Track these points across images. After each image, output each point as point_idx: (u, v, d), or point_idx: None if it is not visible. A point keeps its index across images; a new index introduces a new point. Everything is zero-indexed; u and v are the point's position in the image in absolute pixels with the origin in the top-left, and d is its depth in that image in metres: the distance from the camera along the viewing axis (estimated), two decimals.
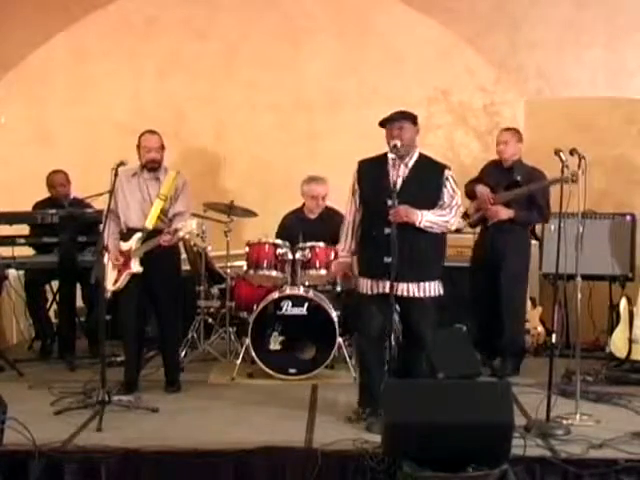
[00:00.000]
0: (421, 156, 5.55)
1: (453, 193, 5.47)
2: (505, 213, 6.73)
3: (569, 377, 6.16)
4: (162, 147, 6.27)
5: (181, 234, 5.97)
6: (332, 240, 6.37)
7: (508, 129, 7.07)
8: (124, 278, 6.08)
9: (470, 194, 6.94)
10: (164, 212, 6.15)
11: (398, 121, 5.48)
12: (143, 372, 6.49)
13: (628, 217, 7.58)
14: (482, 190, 6.83)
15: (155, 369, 6.60)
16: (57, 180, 7.49)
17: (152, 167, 6.21)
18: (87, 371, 6.60)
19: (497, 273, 6.80)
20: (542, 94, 8.42)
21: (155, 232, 6.05)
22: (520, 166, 6.88)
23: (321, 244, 6.81)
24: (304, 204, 7.40)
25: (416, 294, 5.41)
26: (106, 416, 5.36)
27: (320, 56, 8.51)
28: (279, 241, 6.93)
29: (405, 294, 5.38)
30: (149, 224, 6.07)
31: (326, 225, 6.97)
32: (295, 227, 7.24)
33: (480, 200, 6.83)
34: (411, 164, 5.48)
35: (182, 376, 6.47)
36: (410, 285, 5.38)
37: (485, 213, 6.83)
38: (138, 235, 6.07)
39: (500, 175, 6.90)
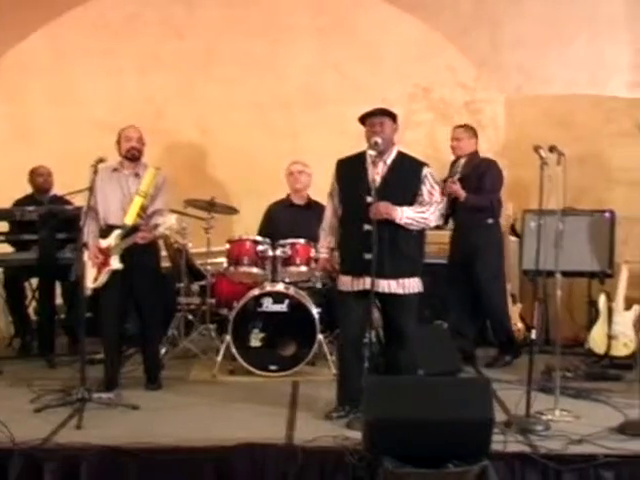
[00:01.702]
0: (400, 154, 5.56)
1: (432, 190, 5.48)
2: (460, 192, 6.87)
3: (549, 373, 6.18)
4: (142, 140, 6.27)
5: (161, 230, 5.96)
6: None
7: (461, 126, 7.22)
8: (104, 275, 6.05)
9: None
10: (143, 209, 6.13)
11: (378, 116, 5.50)
12: (123, 369, 6.48)
13: (607, 214, 7.60)
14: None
15: (135, 366, 6.59)
16: (40, 170, 7.49)
17: (132, 156, 6.19)
18: (67, 369, 6.59)
19: (472, 269, 6.89)
20: (522, 91, 8.44)
21: (134, 229, 6.03)
22: (470, 160, 7.04)
23: (301, 241, 6.81)
24: (289, 195, 7.44)
25: (396, 291, 5.42)
26: (86, 414, 5.34)
27: (300, 53, 8.49)
28: (259, 238, 6.93)
29: (385, 290, 5.39)
30: (128, 221, 6.05)
31: (314, 212, 6.97)
32: (282, 215, 7.30)
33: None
34: (390, 162, 5.49)
35: (162, 373, 6.45)
36: (390, 282, 5.39)
37: (447, 190, 6.92)
38: (117, 232, 6.04)
39: (452, 169, 7.16)
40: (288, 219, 7.24)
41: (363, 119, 5.55)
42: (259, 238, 6.92)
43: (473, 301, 7.05)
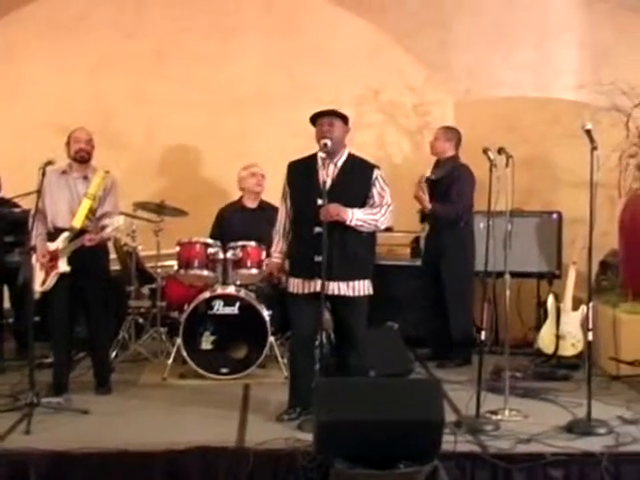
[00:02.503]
0: (350, 156, 5.57)
1: (382, 192, 5.50)
2: (425, 203, 6.98)
3: (498, 373, 6.23)
4: (92, 142, 6.22)
5: (108, 231, 5.91)
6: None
7: (443, 127, 7.32)
8: (52, 278, 5.98)
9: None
10: (92, 212, 6.07)
11: (328, 117, 5.50)
12: (73, 373, 6.42)
13: (554, 215, 7.70)
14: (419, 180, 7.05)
15: (85, 370, 6.52)
16: None
17: (81, 158, 6.14)
18: (15, 373, 6.49)
19: (439, 268, 6.95)
20: (471, 94, 8.50)
21: (83, 232, 5.97)
22: (445, 163, 7.08)
23: (252, 243, 6.80)
24: (241, 197, 7.42)
25: (347, 293, 5.43)
26: (35, 419, 5.27)
27: (250, 54, 8.46)
28: (210, 240, 6.92)
29: (335, 293, 5.41)
30: (76, 223, 5.99)
31: (265, 214, 6.97)
32: (234, 218, 7.29)
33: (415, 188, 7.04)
34: (340, 164, 5.50)
35: (113, 377, 6.40)
36: (340, 284, 5.40)
37: (416, 197, 7.05)
38: (65, 234, 5.98)
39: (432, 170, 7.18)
40: (240, 222, 7.23)
41: (314, 120, 5.55)
42: (209, 241, 6.91)
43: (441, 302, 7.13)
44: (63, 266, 5.96)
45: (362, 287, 5.49)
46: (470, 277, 7.08)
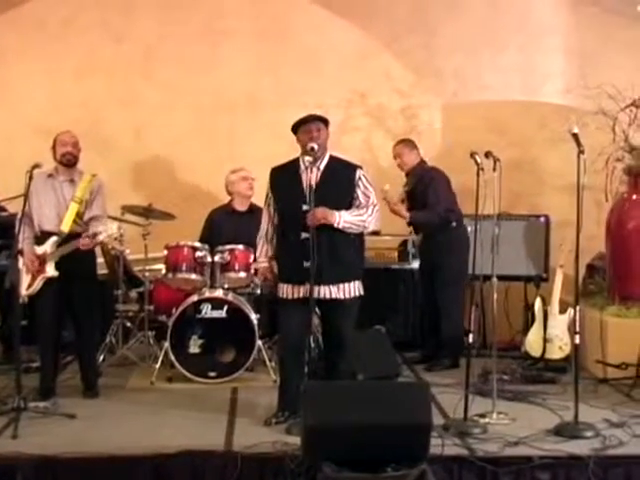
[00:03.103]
0: (332, 158, 5.56)
1: (367, 192, 5.49)
2: (403, 215, 7.02)
3: (486, 376, 6.23)
4: (78, 146, 6.19)
5: (101, 238, 5.87)
6: None
7: (399, 142, 7.30)
8: (38, 282, 5.95)
9: None
10: (80, 215, 6.05)
11: (315, 122, 5.49)
12: (60, 378, 6.39)
13: (542, 218, 7.72)
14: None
15: (72, 374, 6.51)
16: None
17: (68, 161, 6.11)
18: (2, 377, 6.44)
19: (433, 272, 6.96)
20: (458, 97, 8.51)
21: (70, 236, 5.95)
22: (414, 172, 7.14)
23: (240, 247, 6.80)
24: (231, 200, 7.41)
25: (337, 295, 5.42)
26: (22, 423, 5.25)
27: (238, 57, 8.45)
28: (198, 244, 6.90)
29: (327, 297, 5.40)
30: (65, 228, 5.97)
31: (256, 218, 6.95)
32: (224, 221, 7.27)
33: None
34: (323, 167, 5.48)
35: (100, 381, 6.38)
36: (330, 287, 5.40)
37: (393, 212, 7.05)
38: (54, 239, 5.96)
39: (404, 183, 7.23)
40: (230, 225, 7.21)
41: (296, 127, 5.54)
42: (197, 244, 6.89)
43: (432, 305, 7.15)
44: (51, 270, 5.93)
45: (353, 289, 5.48)
46: (464, 279, 7.08)
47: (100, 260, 6.90)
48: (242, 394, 6.28)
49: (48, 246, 5.96)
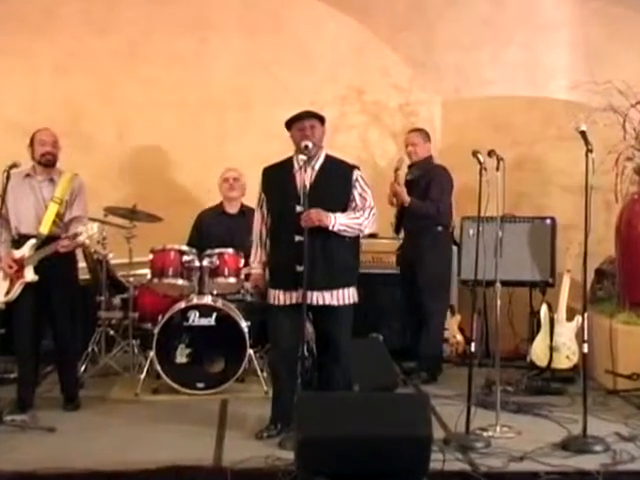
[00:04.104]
0: (328, 157, 5.55)
1: (364, 193, 5.48)
2: (404, 196, 6.93)
3: (489, 387, 6.23)
4: (58, 144, 6.17)
5: (81, 239, 5.85)
6: None
7: (415, 130, 7.30)
8: (17, 288, 5.92)
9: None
10: (60, 216, 6.03)
11: (309, 119, 5.48)
12: (39, 389, 6.35)
13: (548, 220, 7.68)
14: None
15: (52, 385, 6.46)
16: None
17: (47, 161, 6.09)
18: None
19: (414, 276, 6.93)
20: (459, 93, 8.50)
21: (50, 238, 5.91)
22: (421, 165, 7.10)
23: (230, 250, 6.78)
24: (222, 202, 7.42)
25: (330, 302, 5.40)
26: None
27: (228, 52, 8.43)
28: (185, 247, 6.88)
29: (319, 303, 5.38)
30: (44, 229, 5.94)
31: (248, 220, 6.94)
32: (214, 224, 7.28)
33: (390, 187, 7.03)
34: (318, 167, 5.46)
35: (81, 392, 6.37)
36: (324, 293, 5.37)
37: (392, 190, 7.03)
38: (32, 242, 5.92)
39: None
40: (220, 228, 7.22)
41: (290, 123, 5.52)
42: (185, 248, 6.88)
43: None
44: (30, 275, 5.89)
45: (347, 295, 5.46)
46: (447, 287, 7.08)
47: (82, 264, 6.88)
48: (232, 406, 6.26)
49: (26, 249, 5.92)
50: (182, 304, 6.67)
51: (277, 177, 5.57)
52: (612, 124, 7.19)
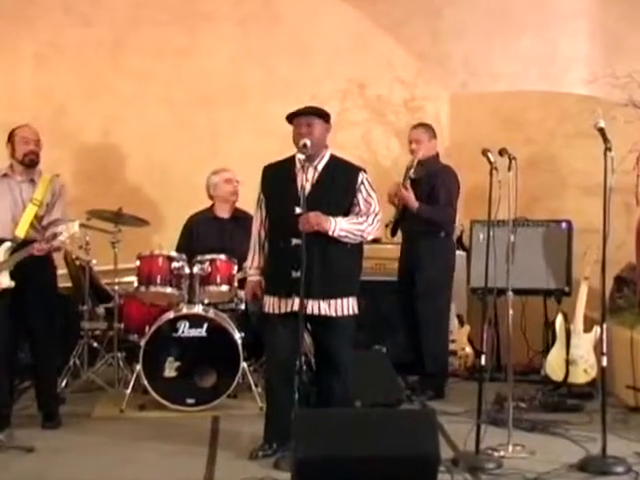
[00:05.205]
0: (332, 157, 5.54)
1: (369, 198, 5.46)
2: (412, 202, 6.88)
3: (500, 403, 6.22)
4: (40, 143, 6.17)
5: (62, 239, 5.84)
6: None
7: (420, 125, 7.25)
8: None
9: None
10: (38, 219, 6.02)
11: (306, 116, 5.47)
12: (16, 406, 6.35)
13: (564, 224, 7.68)
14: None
15: (31, 402, 6.43)
16: None
17: (31, 161, 6.09)
18: None
19: (412, 283, 6.92)
20: (468, 88, 8.52)
21: (27, 242, 5.90)
22: (427, 164, 7.05)
23: (222, 256, 6.78)
24: (213, 205, 7.40)
25: (327, 313, 5.38)
26: None
27: (221, 44, 8.48)
28: (174, 254, 6.88)
29: (316, 313, 5.36)
30: (20, 233, 5.93)
31: (241, 224, 6.96)
32: (205, 229, 7.30)
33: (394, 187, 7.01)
34: (321, 167, 5.46)
35: (62, 409, 6.35)
36: (320, 302, 5.36)
37: (398, 195, 6.98)
38: (7, 245, 5.90)
39: (407, 173, 7.12)
40: (211, 234, 7.23)
41: (291, 119, 5.51)
42: (174, 254, 6.88)
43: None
44: (5, 281, 5.87)
45: (346, 306, 5.44)
46: (446, 292, 7.06)
47: (63, 271, 6.87)
48: (224, 423, 6.26)
49: (1, 254, 5.90)
50: (171, 314, 6.67)
51: (277, 176, 5.57)
52: (633, 120, 7.19)
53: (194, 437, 5.90)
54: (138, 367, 6.54)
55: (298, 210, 5.27)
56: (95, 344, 7.35)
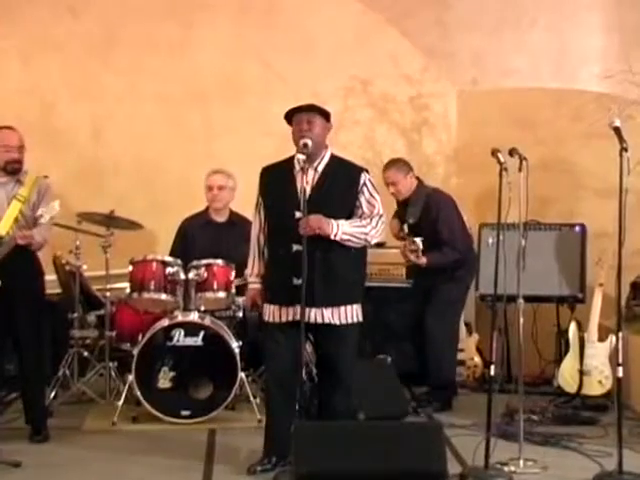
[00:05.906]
0: (333, 158, 5.54)
1: (372, 200, 5.46)
2: (420, 261, 6.89)
3: (511, 416, 6.23)
4: (24, 148, 6.15)
5: (43, 221, 5.83)
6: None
7: (390, 164, 7.17)
8: None
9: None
10: (23, 216, 6.00)
11: (306, 113, 5.46)
12: (2, 418, 6.39)
13: (577, 228, 7.68)
14: (394, 226, 7.14)
15: (18, 414, 6.46)
16: None
17: (13, 170, 6.09)
18: None
19: (426, 294, 6.94)
20: (477, 84, 8.53)
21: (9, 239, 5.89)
22: (416, 200, 7.06)
23: (219, 261, 6.79)
24: (207, 208, 7.46)
25: (330, 320, 5.39)
26: None
27: (217, 38, 8.48)
28: (169, 258, 6.89)
29: (318, 321, 5.36)
30: (2, 229, 5.91)
31: (237, 229, 6.97)
32: (199, 233, 7.31)
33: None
34: (321, 168, 5.46)
35: (51, 422, 6.36)
36: (323, 310, 5.36)
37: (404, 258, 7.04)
38: None
39: (402, 211, 7.18)
40: (206, 238, 7.23)
41: (289, 116, 5.52)
42: (168, 259, 6.89)
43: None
44: None
45: (350, 314, 5.45)
46: (460, 312, 7.08)
47: (52, 277, 6.87)
48: (221, 437, 6.27)
49: None
50: (165, 322, 6.67)
51: (276, 178, 5.56)
52: None
53: (189, 451, 5.90)
54: (131, 377, 6.54)
55: (298, 214, 5.28)
56: (86, 353, 7.34)
